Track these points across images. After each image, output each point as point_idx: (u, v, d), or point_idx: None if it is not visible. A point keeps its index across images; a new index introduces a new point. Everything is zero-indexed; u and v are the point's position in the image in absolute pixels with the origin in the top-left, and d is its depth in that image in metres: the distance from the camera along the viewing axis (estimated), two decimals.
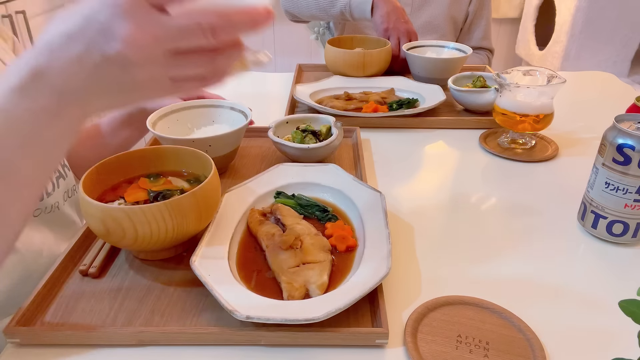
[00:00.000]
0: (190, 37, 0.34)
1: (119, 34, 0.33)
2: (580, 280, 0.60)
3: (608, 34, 2.00)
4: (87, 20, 0.34)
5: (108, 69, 0.35)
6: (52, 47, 0.35)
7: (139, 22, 0.33)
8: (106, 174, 0.63)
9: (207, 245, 0.58)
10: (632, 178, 0.60)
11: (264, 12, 0.36)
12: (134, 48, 0.34)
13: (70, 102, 0.37)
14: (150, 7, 0.34)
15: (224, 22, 0.34)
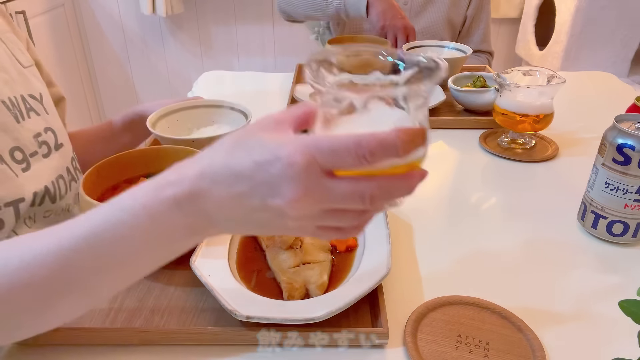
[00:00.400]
0: (349, 203, 0.35)
1: (286, 194, 0.34)
2: (580, 280, 0.60)
3: (608, 34, 2.00)
4: (258, 167, 0.34)
5: (263, 214, 0.36)
6: (216, 178, 0.36)
7: (307, 186, 0.34)
8: (106, 174, 0.63)
9: (207, 245, 0.58)
10: (632, 178, 0.60)
11: (419, 177, 0.36)
12: (295, 208, 0.34)
13: (214, 226, 0.38)
14: (321, 172, 0.34)
15: (384, 192, 0.35)
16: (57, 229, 0.39)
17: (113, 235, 0.36)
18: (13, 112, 0.65)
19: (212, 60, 2.52)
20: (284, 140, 0.35)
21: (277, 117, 0.38)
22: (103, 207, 0.38)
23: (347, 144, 0.33)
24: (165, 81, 2.59)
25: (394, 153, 0.33)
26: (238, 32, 2.45)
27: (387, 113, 0.36)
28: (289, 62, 2.49)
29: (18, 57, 0.71)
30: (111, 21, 2.43)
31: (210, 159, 0.37)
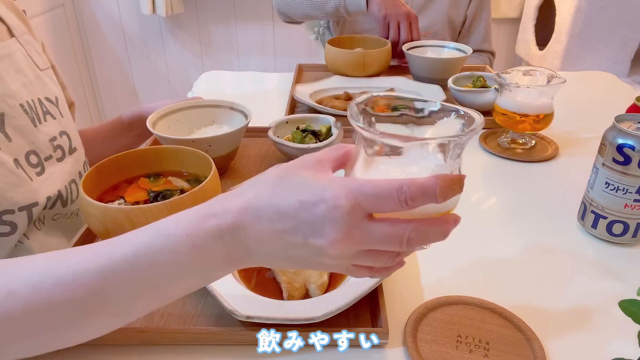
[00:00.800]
0: (387, 245, 0.36)
1: (328, 235, 0.35)
2: (580, 280, 0.60)
3: (608, 34, 2.00)
4: (302, 207, 0.36)
5: (302, 250, 0.37)
6: (260, 214, 0.37)
7: (350, 228, 0.35)
8: (106, 174, 0.63)
9: None
10: (632, 178, 0.60)
11: (454, 222, 0.37)
12: (336, 248, 0.35)
13: (252, 258, 0.39)
14: (364, 215, 0.35)
15: (420, 236, 0.36)
16: (95, 248, 0.39)
17: (154, 260, 0.37)
18: (30, 116, 0.66)
19: (212, 60, 2.52)
20: (328, 182, 0.36)
21: (318, 157, 0.39)
22: (145, 231, 0.39)
23: (390, 189, 0.34)
24: (165, 81, 2.59)
25: (433, 199, 0.34)
26: (238, 31, 2.45)
27: (426, 159, 0.38)
28: (289, 62, 2.49)
29: (35, 59, 0.71)
30: (111, 21, 2.43)
31: (254, 194, 0.37)
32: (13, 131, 0.63)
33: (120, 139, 0.92)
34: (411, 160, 0.38)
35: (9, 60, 0.65)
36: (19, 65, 0.67)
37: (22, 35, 0.70)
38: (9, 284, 0.37)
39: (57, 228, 0.70)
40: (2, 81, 0.63)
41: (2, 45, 0.65)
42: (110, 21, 2.43)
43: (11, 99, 0.63)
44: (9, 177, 0.60)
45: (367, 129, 0.37)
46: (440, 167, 0.38)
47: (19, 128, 0.63)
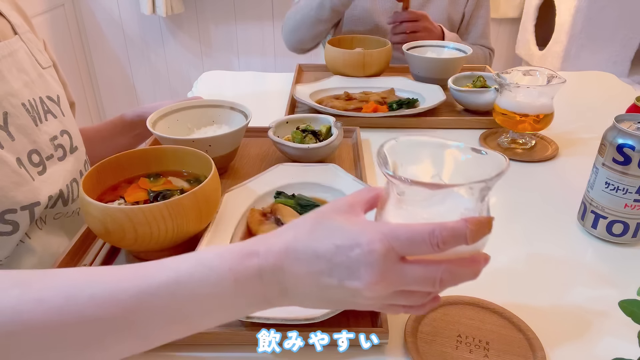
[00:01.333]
0: (420, 286, 0.38)
1: (364, 278, 0.36)
2: (580, 280, 0.60)
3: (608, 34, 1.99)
4: (338, 250, 0.37)
5: (338, 291, 0.38)
6: (298, 256, 0.38)
7: (384, 271, 0.36)
8: (106, 174, 0.63)
9: (207, 245, 0.58)
10: (632, 178, 0.60)
11: (484, 262, 0.39)
12: (370, 290, 0.37)
13: (287, 298, 0.40)
14: (397, 258, 0.37)
15: (452, 277, 0.37)
16: (135, 268, 0.39)
17: (195, 289, 0.38)
18: (32, 115, 0.66)
19: (212, 60, 2.52)
20: (362, 227, 0.37)
21: (351, 201, 0.41)
22: (188, 259, 0.40)
23: (422, 233, 0.35)
24: (165, 81, 2.59)
25: (464, 241, 0.36)
26: (238, 31, 2.45)
27: (454, 201, 0.39)
28: (289, 62, 2.49)
29: (37, 57, 0.71)
30: (111, 21, 2.43)
31: (293, 237, 0.39)
32: (16, 130, 0.63)
33: (120, 139, 0.92)
34: (440, 202, 0.39)
35: (11, 58, 0.65)
36: (22, 63, 0.67)
37: (25, 33, 0.70)
38: (41, 290, 0.37)
39: (58, 227, 0.70)
40: (4, 80, 0.63)
41: (6, 44, 0.65)
42: (110, 21, 2.43)
43: (14, 98, 0.63)
44: (11, 177, 0.60)
45: (397, 176, 0.38)
46: (469, 211, 0.39)
47: (21, 127, 0.64)
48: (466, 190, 0.39)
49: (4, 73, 0.63)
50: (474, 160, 0.42)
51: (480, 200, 0.40)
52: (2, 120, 0.61)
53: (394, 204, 0.41)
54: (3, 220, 0.60)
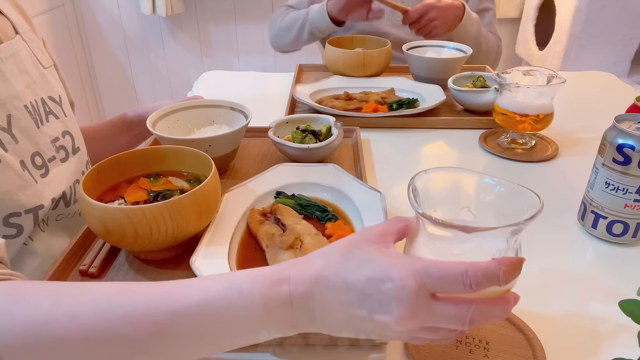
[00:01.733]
0: (449, 324, 0.38)
1: (394, 313, 0.36)
2: (580, 280, 0.60)
3: (608, 34, 1.99)
4: (370, 283, 0.37)
5: (366, 323, 0.38)
6: (329, 284, 0.38)
7: (415, 307, 0.36)
8: (106, 174, 0.63)
9: (207, 245, 0.58)
10: (632, 178, 0.60)
11: (514, 302, 0.38)
12: (400, 325, 0.37)
13: (315, 325, 0.40)
14: (429, 295, 0.36)
15: (482, 316, 0.37)
16: (167, 288, 0.39)
17: (225, 312, 0.38)
18: (34, 117, 0.66)
19: (212, 60, 2.52)
20: (394, 261, 0.37)
21: (381, 231, 0.41)
22: (219, 281, 0.40)
23: (456, 273, 0.35)
24: (165, 81, 2.59)
25: (496, 283, 0.36)
26: (238, 31, 2.45)
27: (486, 239, 0.39)
28: (289, 62, 2.49)
29: (39, 57, 0.71)
30: (111, 21, 2.43)
31: (325, 265, 0.39)
32: (19, 132, 0.63)
33: (120, 139, 0.92)
34: (472, 240, 0.39)
35: (14, 60, 0.65)
36: (24, 64, 0.67)
37: (25, 32, 0.70)
38: (74, 306, 0.37)
39: (60, 228, 0.70)
40: (7, 83, 0.63)
41: (8, 45, 0.65)
42: (110, 21, 2.43)
43: (17, 100, 0.63)
44: (16, 180, 0.60)
45: (429, 217, 0.39)
46: (501, 251, 0.39)
47: (24, 129, 0.63)
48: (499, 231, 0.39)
49: (7, 75, 0.63)
50: (506, 193, 0.42)
51: (512, 238, 0.40)
52: (6, 122, 0.61)
53: (424, 237, 0.41)
54: (7, 224, 0.60)
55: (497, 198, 0.43)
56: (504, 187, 0.43)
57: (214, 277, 0.41)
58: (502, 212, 0.42)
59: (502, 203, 0.42)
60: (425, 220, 0.40)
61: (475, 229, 0.38)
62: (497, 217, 0.42)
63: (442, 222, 0.38)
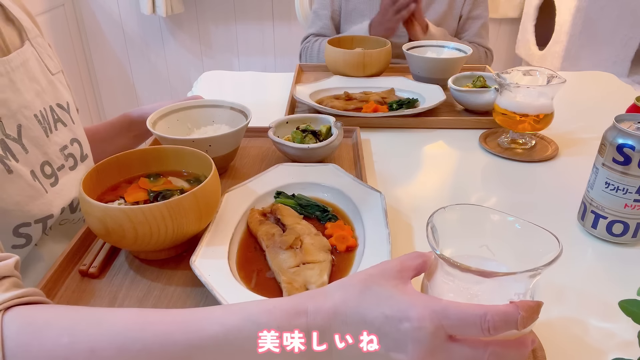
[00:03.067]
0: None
1: (411, 353, 0.36)
2: (580, 280, 0.60)
3: (608, 34, 1.99)
4: (387, 321, 0.37)
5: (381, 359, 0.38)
6: (347, 320, 0.38)
7: (432, 348, 0.36)
8: (106, 174, 0.63)
9: (207, 245, 0.58)
10: (632, 178, 0.60)
11: (531, 344, 0.38)
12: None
13: (332, 358, 0.39)
14: (446, 337, 0.36)
15: (499, 358, 0.37)
16: (185, 318, 0.39)
17: (242, 345, 0.38)
18: (43, 126, 0.65)
19: (212, 60, 2.52)
20: (412, 300, 0.37)
21: (399, 267, 0.41)
22: (236, 313, 0.40)
23: (474, 317, 0.35)
24: (165, 81, 2.59)
25: (514, 327, 0.35)
26: (238, 31, 2.45)
27: (505, 282, 0.40)
28: (289, 62, 2.49)
29: (47, 63, 0.70)
30: (111, 21, 2.43)
31: (342, 300, 0.39)
32: (29, 142, 0.63)
33: (119, 140, 0.92)
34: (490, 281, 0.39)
35: (23, 68, 0.65)
36: (33, 72, 0.66)
37: (35, 38, 0.69)
38: (92, 342, 0.37)
39: (63, 234, 0.70)
40: (18, 92, 0.62)
41: (18, 53, 0.64)
42: (110, 21, 2.43)
43: (27, 109, 0.63)
44: (27, 190, 0.60)
45: (448, 260, 0.39)
46: (520, 295, 0.40)
47: (34, 139, 0.63)
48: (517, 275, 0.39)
49: (17, 85, 0.62)
50: (525, 233, 0.43)
51: (530, 280, 0.40)
52: (17, 133, 0.61)
53: (442, 274, 0.42)
54: (17, 234, 0.60)
55: (516, 237, 0.43)
56: (523, 226, 0.43)
57: (232, 308, 0.41)
58: (521, 251, 0.42)
59: (521, 242, 0.43)
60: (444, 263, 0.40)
61: (494, 274, 0.38)
62: (515, 256, 0.43)
63: (460, 266, 0.38)
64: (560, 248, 0.39)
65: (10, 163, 0.59)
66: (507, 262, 0.42)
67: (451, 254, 0.41)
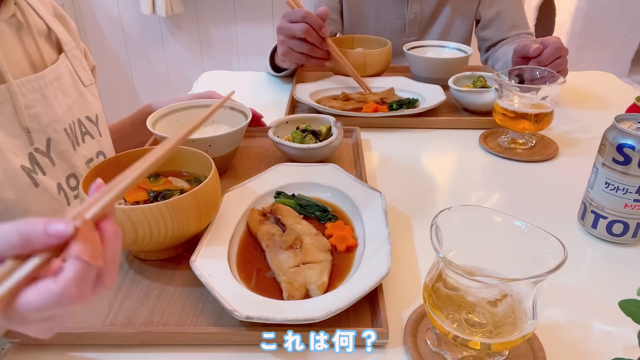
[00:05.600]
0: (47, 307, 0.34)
1: None
2: (580, 280, 0.60)
3: (608, 34, 2.00)
4: None
5: None
6: None
7: None
8: (106, 174, 0.63)
9: (207, 245, 0.58)
10: (632, 178, 0.60)
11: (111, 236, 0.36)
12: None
13: None
14: None
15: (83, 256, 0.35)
16: None
17: None
18: (71, 139, 0.67)
19: (212, 60, 2.52)
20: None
21: None
22: None
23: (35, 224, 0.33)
24: (165, 81, 2.59)
25: None
26: (238, 32, 2.45)
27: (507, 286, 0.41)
28: None
29: (80, 75, 0.72)
30: (111, 21, 2.43)
31: None
32: (57, 156, 0.64)
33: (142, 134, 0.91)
34: None
35: (57, 82, 0.66)
36: (65, 86, 0.67)
37: (70, 50, 0.71)
38: None
39: None
40: (50, 107, 0.64)
41: (53, 68, 0.66)
42: (110, 21, 2.43)
43: (57, 123, 0.65)
44: (51, 204, 0.61)
45: (453, 266, 0.39)
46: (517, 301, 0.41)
47: (61, 152, 0.65)
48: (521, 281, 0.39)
49: (50, 99, 0.64)
50: (530, 237, 0.43)
51: (534, 286, 0.40)
52: (45, 147, 0.63)
53: (445, 276, 0.43)
54: None
55: (521, 240, 0.43)
56: (528, 229, 0.43)
57: None
58: (525, 254, 0.42)
59: (526, 245, 0.42)
60: (446, 267, 0.40)
61: (495, 285, 0.39)
62: (519, 259, 0.43)
63: (464, 271, 0.39)
64: (565, 254, 0.39)
65: (37, 177, 0.60)
66: (511, 265, 0.42)
67: (454, 255, 0.41)
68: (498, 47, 1.34)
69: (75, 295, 0.33)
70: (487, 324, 0.43)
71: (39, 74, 0.63)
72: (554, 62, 0.99)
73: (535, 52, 0.99)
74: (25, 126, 0.60)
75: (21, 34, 0.64)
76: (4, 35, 0.62)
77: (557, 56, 1.00)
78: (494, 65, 1.32)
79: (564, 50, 1.02)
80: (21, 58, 0.63)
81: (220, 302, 0.49)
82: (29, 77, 0.62)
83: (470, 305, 0.44)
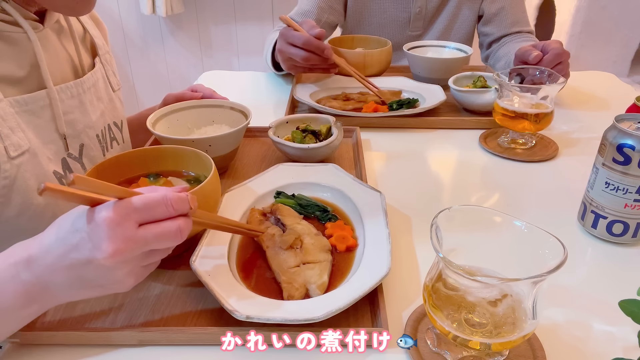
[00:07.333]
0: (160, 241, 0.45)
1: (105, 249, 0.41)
2: (580, 280, 0.60)
3: (608, 34, 2.00)
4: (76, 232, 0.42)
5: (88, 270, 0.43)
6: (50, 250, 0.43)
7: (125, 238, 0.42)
8: (106, 174, 0.63)
9: (207, 245, 0.58)
10: (632, 178, 0.60)
11: None
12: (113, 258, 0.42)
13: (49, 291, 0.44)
14: (135, 226, 0.43)
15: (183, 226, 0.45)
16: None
17: None
18: (102, 145, 0.68)
19: (211, 60, 2.52)
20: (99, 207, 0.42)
21: None
22: None
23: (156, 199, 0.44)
24: (165, 81, 2.59)
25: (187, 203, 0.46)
26: (238, 32, 2.45)
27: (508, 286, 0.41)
28: None
29: (111, 80, 0.72)
30: (111, 21, 2.43)
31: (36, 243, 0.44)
32: (88, 161, 0.65)
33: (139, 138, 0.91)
34: None
35: (94, 88, 0.67)
36: (100, 92, 0.68)
37: (104, 54, 0.71)
38: None
39: None
40: (85, 113, 0.64)
41: (90, 75, 0.66)
42: (110, 21, 2.43)
43: (91, 129, 0.65)
44: None
45: (454, 268, 0.39)
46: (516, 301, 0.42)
47: (92, 158, 0.66)
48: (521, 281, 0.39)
49: (86, 105, 0.64)
50: (529, 235, 0.43)
51: (534, 286, 0.40)
52: (78, 152, 0.63)
53: (445, 276, 0.43)
54: None
55: (521, 240, 0.43)
56: (529, 229, 0.43)
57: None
58: (525, 254, 0.42)
59: (526, 245, 0.42)
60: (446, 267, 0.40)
61: (495, 285, 0.39)
62: (519, 259, 0.43)
63: (464, 271, 0.39)
64: (565, 254, 0.39)
65: None
66: (511, 265, 0.42)
67: (454, 255, 0.41)
68: (500, 45, 1.34)
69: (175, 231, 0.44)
70: (487, 324, 0.43)
71: (78, 81, 0.64)
72: (555, 68, 0.98)
73: (534, 59, 0.98)
74: (63, 132, 0.61)
75: (62, 38, 0.65)
76: (49, 41, 0.62)
77: (558, 62, 1.00)
78: (495, 64, 1.32)
79: (565, 55, 1.01)
80: (64, 63, 0.64)
81: (220, 302, 0.49)
82: (68, 84, 0.62)
83: (470, 305, 0.44)
